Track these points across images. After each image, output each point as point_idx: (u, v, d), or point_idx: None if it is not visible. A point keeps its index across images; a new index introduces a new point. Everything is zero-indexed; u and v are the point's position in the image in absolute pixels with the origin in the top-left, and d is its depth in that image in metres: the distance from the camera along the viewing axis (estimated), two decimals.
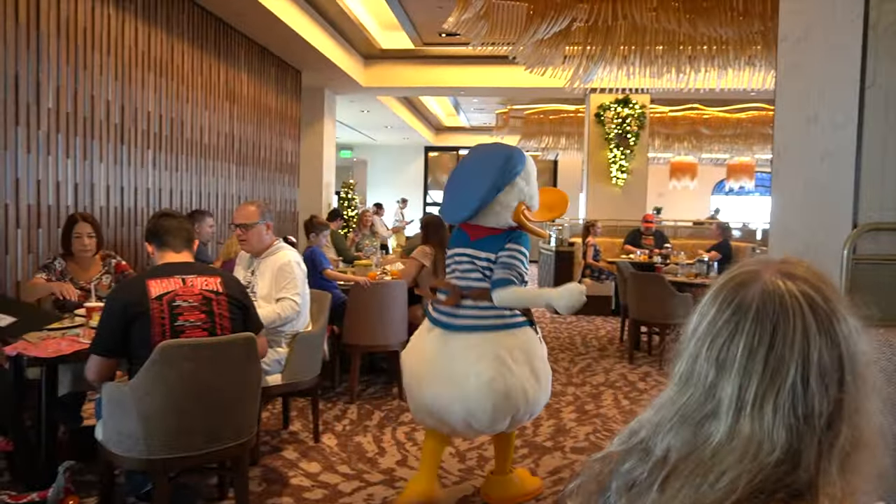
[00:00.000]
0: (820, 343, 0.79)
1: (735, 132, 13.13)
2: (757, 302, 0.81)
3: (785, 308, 0.80)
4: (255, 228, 3.55)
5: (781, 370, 0.78)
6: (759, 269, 0.84)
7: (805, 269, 0.84)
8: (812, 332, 0.79)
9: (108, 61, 5.11)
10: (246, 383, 2.72)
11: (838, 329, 0.79)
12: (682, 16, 5.94)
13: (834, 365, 0.78)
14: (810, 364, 0.78)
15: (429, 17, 8.40)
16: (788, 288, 0.81)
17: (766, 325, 0.80)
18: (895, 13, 2.03)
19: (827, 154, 2.27)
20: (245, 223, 3.54)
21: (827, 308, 0.80)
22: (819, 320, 0.79)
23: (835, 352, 0.79)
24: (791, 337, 0.79)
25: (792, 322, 0.79)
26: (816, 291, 0.81)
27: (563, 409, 4.68)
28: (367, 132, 16.00)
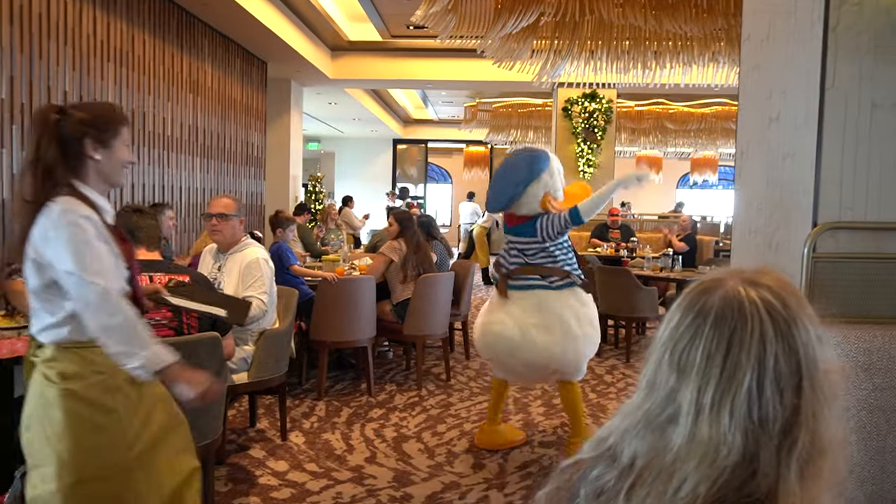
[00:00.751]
0: (776, 348, 0.79)
1: (699, 127, 13.33)
2: (717, 307, 0.83)
3: (743, 313, 0.81)
4: (231, 220, 3.52)
5: (737, 374, 0.79)
6: (725, 277, 0.85)
7: (771, 278, 0.85)
8: (769, 338, 0.80)
9: (66, 51, 4.95)
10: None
11: (797, 335, 0.80)
12: (648, 12, 5.99)
13: (791, 371, 0.79)
14: (766, 369, 0.79)
15: (396, 9, 8.33)
16: (749, 294, 0.82)
17: (724, 330, 0.81)
18: (854, 16, 2.08)
19: (788, 153, 2.31)
20: (224, 213, 3.50)
21: (786, 314, 0.81)
22: (777, 326, 0.80)
23: (792, 358, 0.80)
24: (748, 342, 0.80)
25: (749, 327, 0.80)
26: (777, 298, 0.82)
27: (532, 403, 4.72)
28: (335, 124, 15.86)
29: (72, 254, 1.66)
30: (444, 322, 5.20)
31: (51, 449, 1.70)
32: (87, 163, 1.78)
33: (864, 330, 1.97)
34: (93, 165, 1.78)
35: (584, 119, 10.26)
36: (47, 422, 1.71)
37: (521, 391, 4.97)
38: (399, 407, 4.56)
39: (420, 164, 18.61)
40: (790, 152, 2.31)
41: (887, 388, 1.89)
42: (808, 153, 2.18)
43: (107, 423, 1.74)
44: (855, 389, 1.89)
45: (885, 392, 1.89)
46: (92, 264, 1.67)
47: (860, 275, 2.14)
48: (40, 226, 1.69)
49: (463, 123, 14.24)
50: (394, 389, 4.97)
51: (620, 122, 12.73)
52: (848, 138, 2.11)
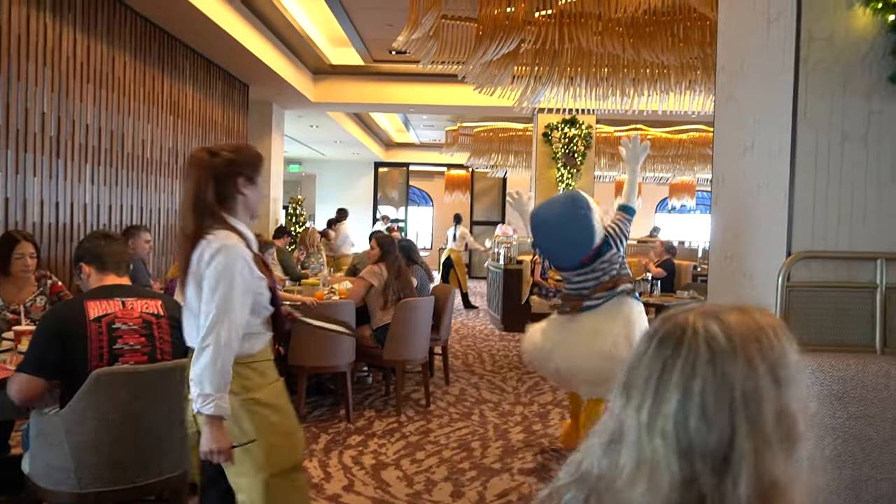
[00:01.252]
0: (706, 377, 0.79)
1: (677, 152, 13.53)
2: (661, 332, 0.84)
3: (682, 340, 0.82)
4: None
5: (666, 397, 0.80)
6: (689, 308, 0.86)
7: (738, 314, 0.84)
8: (699, 365, 0.79)
9: (44, 72, 4.92)
10: (187, 411, 2.63)
11: (732, 368, 0.79)
12: (626, 41, 6.11)
13: (721, 404, 0.78)
14: (690, 396, 0.79)
15: (379, 34, 8.41)
16: (694, 323, 0.82)
17: (663, 353, 0.82)
18: (823, 51, 2.13)
19: (762, 183, 2.36)
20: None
21: (726, 347, 0.80)
22: (712, 356, 0.80)
23: (723, 390, 0.79)
24: (678, 366, 0.80)
25: (683, 353, 0.81)
26: (724, 332, 0.81)
27: (512, 429, 4.69)
28: (316, 147, 15.86)
29: (220, 290, 1.87)
30: (425, 347, 5.17)
31: (243, 451, 1.94)
32: (238, 198, 2.00)
33: (838, 359, 2.00)
34: (241, 200, 2.00)
35: (564, 144, 10.37)
36: (237, 430, 1.94)
37: (500, 417, 4.95)
38: (378, 433, 4.51)
39: (401, 186, 18.65)
40: (764, 182, 2.35)
41: (861, 417, 1.91)
42: (782, 183, 2.21)
43: (282, 422, 2.04)
44: (829, 418, 1.91)
45: (859, 421, 1.91)
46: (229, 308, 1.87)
47: (834, 303, 2.17)
48: (204, 252, 1.90)
49: (444, 147, 14.32)
50: (373, 415, 4.92)
51: (600, 148, 12.88)
52: (820, 169, 2.15)
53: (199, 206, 1.93)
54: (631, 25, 6.10)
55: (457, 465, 3.95)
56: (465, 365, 6.76)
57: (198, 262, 1.90)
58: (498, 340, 8.33)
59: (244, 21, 7.30)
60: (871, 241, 2.17)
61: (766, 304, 2.25)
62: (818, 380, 1.94)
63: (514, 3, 5.79)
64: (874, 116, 2.15)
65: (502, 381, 6.11)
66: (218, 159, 1.97)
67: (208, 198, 1.94)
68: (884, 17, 2.09)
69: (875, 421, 1.92)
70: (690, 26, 6.01)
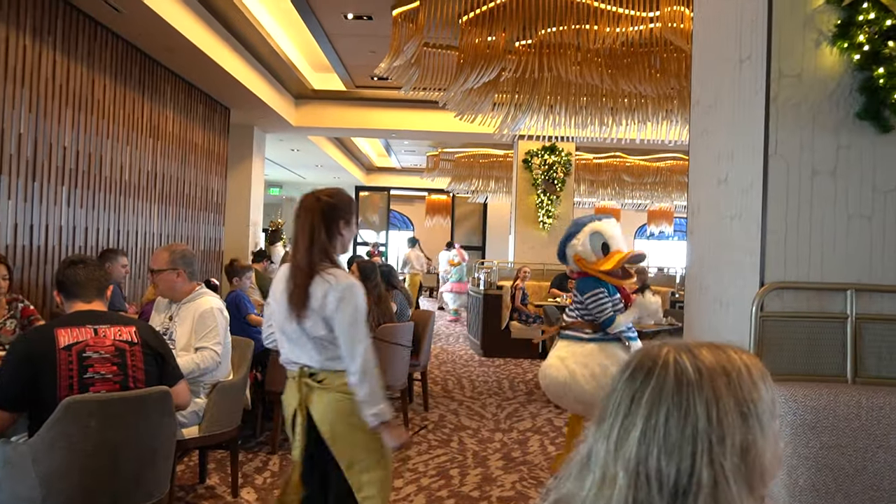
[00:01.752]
0: (670, 409, 0.80)
1: (655, 180, 13.76)
2: (634, 363, 0.86)
3: (652, 371, 0.83)
4: (161, 275, 3.43)
5: (630, 427, 0.81)
6: (669, 342, 0.88)
7: (712, 351, 0.86)
8: (664, 397, 0.80)
9: (22, 93, 4.89)
10: (159, 439, 2.59)
11: (696, 402, 0.80)
12: (605, 71, 6.23)
13: (683, 437, 0.79)
14: (654, 427, 0.80)
15: (361, 61, 8.48)
16: (667, 357, 0.84)
17: (633, 384, 0.84)
18: (793, 88, 2.20)
19: (736, 215, 2.40)
20: (153, 268, 3.46)
21: (694, 380, 0.81)
22: (679, 389, 0.81)
23: (686, 424, 0.79)
24: (645, 397, 0.81)
25: (651, 383, 0.82)
26: (694, 366, 0.82)
27: (490, 456, 4.67)
28: (298, 171, 15.86)
29: (359, 323, 2.22)
30: (404, 372, 5.15)
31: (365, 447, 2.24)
32: (338, 238, 2.29)
33: (810, 388, 2.02)
34: (340, 240, 2.30)
35: (543, 171, 10.49)
36: (358, 427, 2.23)
37: (479, 444, 4.92)
38: None
39: (382, 210, 18.68)
40: (737, 213, 2.40)
41: (833, 447, 1.93)
42: (755, 215, 2.26)
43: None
44: (803, 448, 1.93)
45: (831, 450, 1.93)
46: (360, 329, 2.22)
47: (806, 333, 2.21)
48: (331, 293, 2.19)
49: (425, 172, 14.40)
50: None
51: (579, 174, 13.05)
52: (791, 202, 2.20)
53: (314, 245, 2.23)
54: (609, 56, 6.23)
55: (435, 493, 3.91)
56: (444, 391, 6.73)
57: (323, 297, 2.19)
58: (478, 366, 8.31)
59: (226, 46, 7.32)
60: (842, 272, 2.22)
61: (740, 333, 2.28)
62: (791, 409, 1.97)
63: (494, 33, 5.89)
64: (842, 151, 2.22)
65: (482, 408, 6.08)
66: (324, 204, 2.27)
67: (322, 237, 2.24)
68: (850, 56, 2.17)
69: (847, 451, 1.94)
70: (667, 58, 6.15)
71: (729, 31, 2.49)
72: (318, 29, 7.34)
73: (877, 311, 2.21)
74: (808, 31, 2.21)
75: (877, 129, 2.18)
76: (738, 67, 2.40)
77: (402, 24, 6.14)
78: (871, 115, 2.15)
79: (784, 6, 2.20)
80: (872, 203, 2.21)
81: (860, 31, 2.13)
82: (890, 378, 2.18)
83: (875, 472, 1.93)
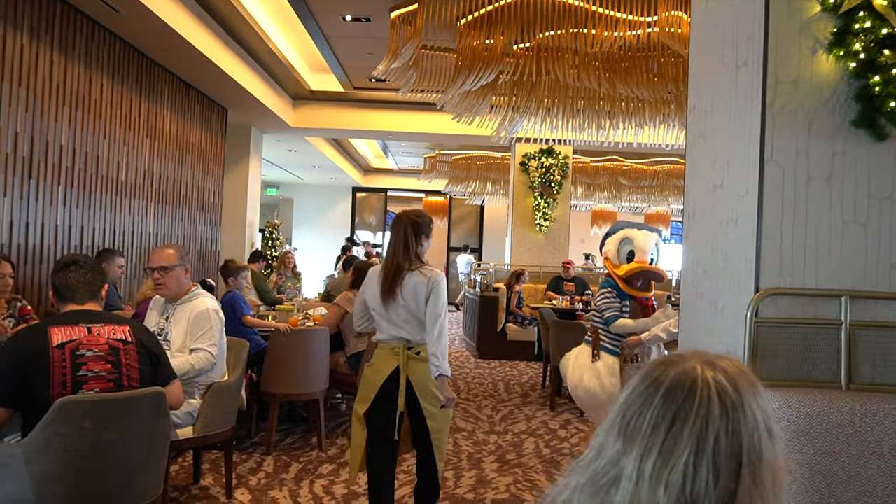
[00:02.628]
0: (719, 429, 0.81)
1: (652, 183, 13.76)
2: (671, 380, 0.85)
3: (693, 390, 0.83)
4: (173, 272, 3.42)
5: (677, 448, 0.81)
6: (688, 356, 0.88)
7: (729, 362, 0.87)
8: (713, 417, 0.81)
9: (19, 92, 4.88)
10: (153, 440, 2.58)
11: (742, 421, 0.82)
12: (602, 75, 6.24)
13: (730, 454, 0.80)
14: (704, 448, 0.80)
15: (359, 62, 8.48)
16: (703, 373, 0.84)
17: (673, 403, 0.83)
18: (788, 95, 2.20)
19: (731, 220, 2.41)
20: (164, 265, 3.40)
21: (735, 399, 0.83)
22: (724, 408, 0.82)
23: (734, 442, 0.81)
24: (692, 418, 0.81)
25: (696, 404, 0.82)
26: (730, 382, 0.84)
27: (485, 458, 4.67)
28: (295, 171, 15.84)
29: (443, 303, 2.97)
30: None
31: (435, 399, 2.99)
32: (423, 246, 3.06)
33: (804, 394, 2.03)
34: (420, 250, 3.04)
35: (540, 173, 10.49)
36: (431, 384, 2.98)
37: (474, 447, 4.92)
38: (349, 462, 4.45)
39: (379, 212, 18.65)
40: (733, 218, 2.41)
41: (827, 453, 1.94)
42: (750, 221, 2.27)
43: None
44: (796, 454, 1.94)
45: (825, 456, 1.94)
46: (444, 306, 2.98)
47: (801, 340, 2.21)
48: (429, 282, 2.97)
49: (422, 174, 14.39)
50: (345, 444, 4.86)
51: (576, 177, 13.06)
52: (786, 208, 2.21)
53: (409, 250, 3.00)
54: (607, 60, 6.24)
55: None
56: None
57: (424, 285, 2.96)
58: (473, 368, 8.31)
59: (224, 46, 7.32)
60: (836, 278, 2.22)
61: (735, 338, 2.29)
62: (785, 415, 1.97)
63: (493, 36, 5.89)
64: (838, 158, 2.22)
65: (477, 410, 6.09)
66: (412, 221, 3.04)
67: (413, 245, 3.02)
68: (845, 63, 2.17)
69: (840, 457, 1.95)
70: (665, 63, 6.16)
71: (726, 37, 2.50)
72: (316, 30, 7.34)
73: (871, 318, 2.21)
74: (805, 39, 2.21)
75: (872, 136, 2.19)
76: (735, 73, 2.41)
77: (400, 26, 6.14)
78: (867, 123, 2.16)
79: (781, 13, 2.21)
80: (868, 210, 2.22)
81: (856, 40, 2.14)
82: (884, 385, 2.19)
83: (868, 479, 1.94)
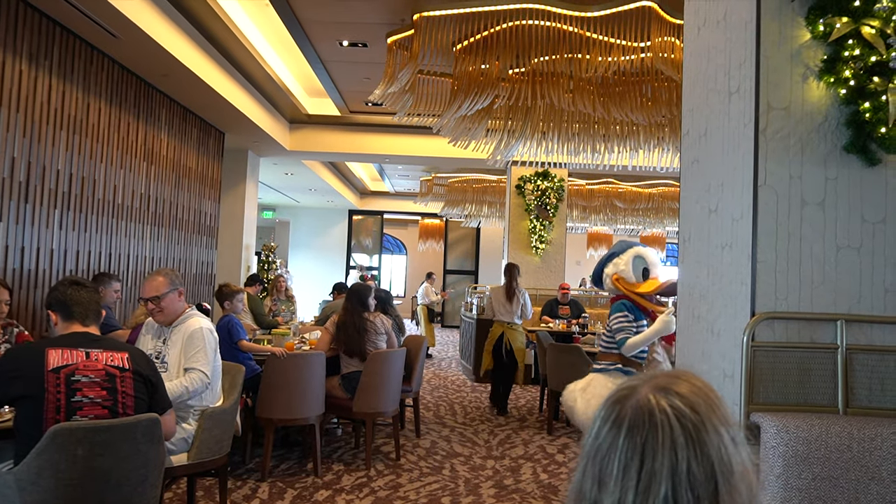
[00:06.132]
0: (688, 455, 0.81)
1: (647, 206, 13.83)
2: (629, 417, 0.84)
3: (654, 423, 0.82)
4: (167, 298, 3.40)
5: (653, 485, 0.80)
6: (638, 385, 0.88)
7: (683, 384, 0.86)
8: (679, 445, 0.81)
9: (17, 117, 4.90)
10: (147, 467, 2.56)
11: (707, 440, 0.81)
12: (597, 99, 6.30)
13: (705, 476, 0.80)
14: (679, 477, 0.80)
15: (356, 86, 8.55)
16: (659, 403, 0.84)
17: (637, 440, 0.82)
18: (781, 120, 2.23)
19: (726, 245, 2.42)
20: (156, 295, 3.38)
21: (696, 420, 0.82)
22: (687, 433, 0.81)
23: (706, 462, 0.81)
24: (660, 451, 0.81)
25: (660, 436, 0.81)
26: (686, 405, 0.83)
27: (483, 484, 4.62)
28: (291, 194, 15.88)
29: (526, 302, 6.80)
30: (396, 399, 5.11)
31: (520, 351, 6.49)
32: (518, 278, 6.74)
33: (802, 419, 2.03)
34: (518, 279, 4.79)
35: (536, 196, 10.54)
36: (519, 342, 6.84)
37: (471, 472, 4.88)
38: (346, 488, 4.41)
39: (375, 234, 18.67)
40: (728, 243, 2.42)
41: (826, 479, 1.93)
42: (745, 245, 2.28)
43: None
44: (795, 479, 1.93)
45: (824, 482, 1.93)
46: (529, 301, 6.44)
47: (797, 363, 2.22)
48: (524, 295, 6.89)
49: (419, 197, 14.44)
50: (341, 469, 4.81)
51: (572, 200, 13.12)
52: (781, 232, 2.23)
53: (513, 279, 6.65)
54: (601, 85, 6.30)
55: None
56: (436, 417, 6.68)
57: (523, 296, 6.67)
58: (470, 391, 8.26)
59: (222, 71, 7.38)
60: (831, 302, 2.23)
61: (731, 362, 2.29)
62: (783, 440, 1.97)
63: (488, 61, 5.96)
64: (830, 183, 2.25)
65: (474, 434, 6.04)
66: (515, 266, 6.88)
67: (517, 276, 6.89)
68: (836, 90, 2.21)
69: (839, 482, 1.94)
70: (658, 87, 6.23)
71: (718, 64, 2.54)
72: (313, 55, 7.41)
73: (867, 342, 2.22)
74: (796, 66, 2.25)
75: (864, 161, 2.22)
76: (728, 100, 2.44)
77: (396, 51, 6.20)
78: (858, 149, 2.19)
79: (772, 41, 2.24)
80: (861, 234, 2.23)
81: (846, 67, 2.17)
82: (881, 409, 2.19)
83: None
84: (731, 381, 2.29)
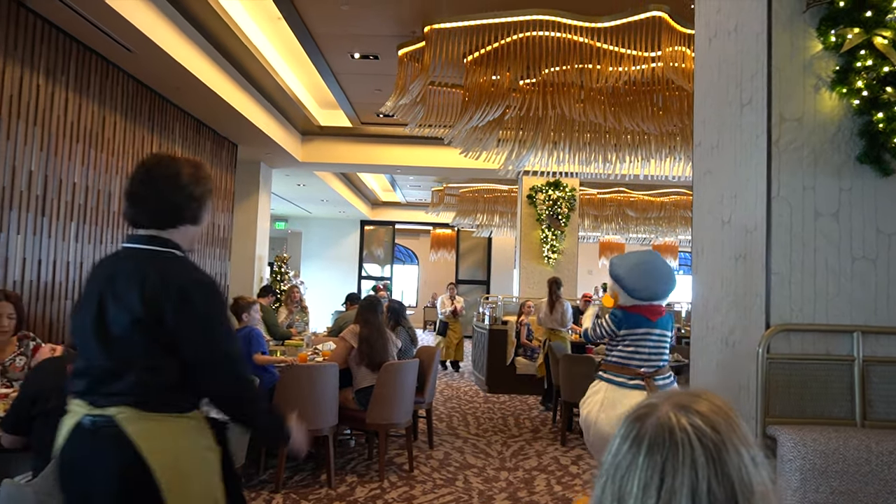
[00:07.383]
0: (708, 474, 0.80)
1: (659, 215, 13.79)
2: (649, 435, 0.84)
3: (675, 441, 0.82)
4: None
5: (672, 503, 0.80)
6: (658, 403, 0.87)
7: (704, 402, 0.86)
8: (700, 464, 0.80)
9: (34, 131, 4.97)
10: None
11: (728, 460, 0.81)
12: (608, 109, 6.30)
13: (726, 496, 0.80)
14: (699, 496, 0.79)
15: (367, 98, 8.61)
16: (679, 421, 0.83)
17: (657, 458, 0.82)
18: (794, 132, 2.23)
19: (740, 255, 2.41)
20: None
21: (716, 439, 0.82)
22: (707, 452, 0.81)
23: (726, 482, 0.80)
24: (680, 470, 0.81)
25: (680, 455, 0.81)
26: (707, 424, 0.83)
27: (497, 496, 4.60)
28: (303, 205, 15.97)
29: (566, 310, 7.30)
30: (409, 410, 5.11)
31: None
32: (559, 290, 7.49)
33: (819, 432, 2.01)
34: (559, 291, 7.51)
35: (548, 206, 10.54)
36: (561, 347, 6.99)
37: (484, 483, 4.86)
38: (360, 500, 4.40)
39: (387, 245, 18.72)
40: (742, 254, 2.41)
41: (844, 493, 1.91)
42: (759, 256, 2.27)
43: None
44: (812, 493, 1.91)
45: (842, 496, 1.91)
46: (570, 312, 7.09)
47: (813, 376, 2.20)
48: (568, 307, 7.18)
49: (430, 207, 14.48)
50: (355, 481, 4.81)
51: (583, 209, 13.10)
52: (795, 244, 2.21)
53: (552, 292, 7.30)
54: (612, 95, 6.31)
55: None
56: (449, 428, 6.67)
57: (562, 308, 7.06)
58: (483, 402, 8.24)
59: (235, 84, 7.45)
60: (847, 314, 2.22)
61: (747, 374, 2.27)
62: (800, 454, 1.95)
63: (499, 72, 5.99)
64: (844, 194, 2.23)
65: (487, 445, 6.02)
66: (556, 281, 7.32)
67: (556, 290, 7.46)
68: (849, 101, 2.20)
69: (858, 496, 1.92)
70: (669, 96, 6.23)
71: (730, 75, 2.54)
72: (325, 68, 7.47)
73: (884, 354, 2.20)
74: (808, 77, 2.24)
75: (878, 172, 2.20)
76: (740, 111, 2.43)
77: (407, 63, 6.25)
78: (872, 159, 2.18)
79: (783, 52, 2.24)
80: (876, 245, 2.22)
81: (858, 77, 2.17)
82: None
83: None
84: (746, 394, 2.28)
